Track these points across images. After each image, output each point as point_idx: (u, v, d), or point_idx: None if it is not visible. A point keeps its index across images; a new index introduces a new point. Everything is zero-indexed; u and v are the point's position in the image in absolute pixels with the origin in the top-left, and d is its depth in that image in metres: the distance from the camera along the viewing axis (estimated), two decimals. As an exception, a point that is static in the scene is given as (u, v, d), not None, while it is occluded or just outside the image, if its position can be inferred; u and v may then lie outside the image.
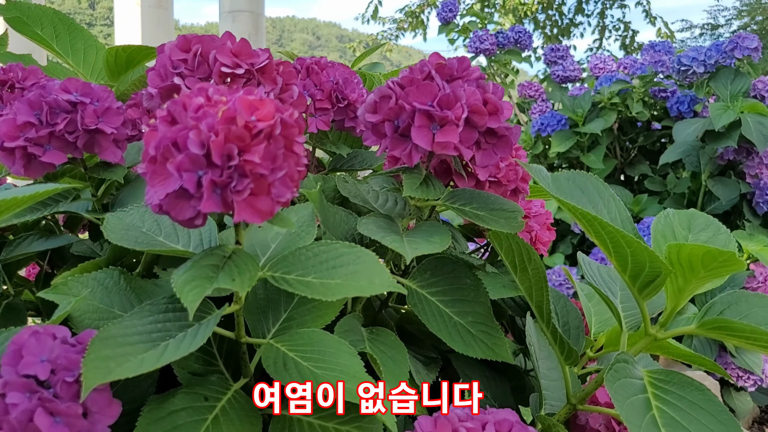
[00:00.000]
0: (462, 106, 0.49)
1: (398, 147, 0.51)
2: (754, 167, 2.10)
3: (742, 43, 1.99)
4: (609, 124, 2.19)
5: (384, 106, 0.52)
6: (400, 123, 0.51)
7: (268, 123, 0.37)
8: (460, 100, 0.49)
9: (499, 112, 0.50)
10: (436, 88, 0.50)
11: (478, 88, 0.51)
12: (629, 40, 6.86)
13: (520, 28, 2.45)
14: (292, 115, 0.39)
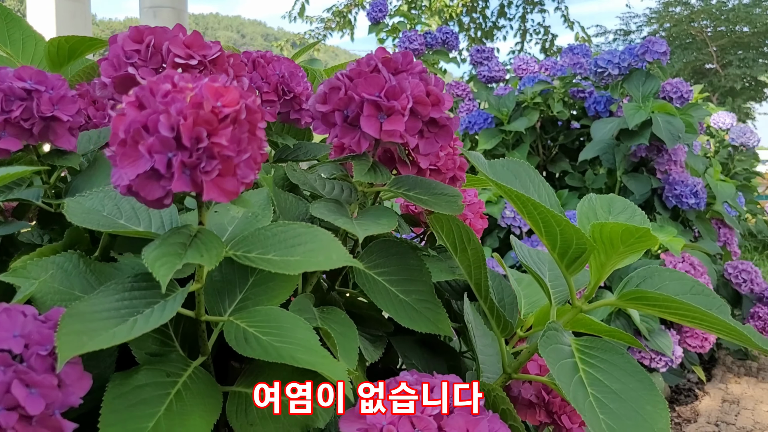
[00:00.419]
0: (407, 97, 0.53)
1: (348, 135, 0.54)
2: (664, 164, 2.25)
3: (652, 47, 2.14)
4: (532, 123, 2.30)
5: (334, 96, 0.55)
6: (350, 113, 0.54)
7: (233, 108, 0.40)
8: (405, 91, 0.53)
9: (440, 103, 0.55)
10: (383, 80, 0.53)
11: (422, 81, 0.55)
12: (549, 43, 7.13)
13: (448, 30, 2.53)
14: (255, 101, 0.42)
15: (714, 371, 2.29)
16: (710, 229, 2.38)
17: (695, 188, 2.19)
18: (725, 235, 2.50)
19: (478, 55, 2.61)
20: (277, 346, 0.46)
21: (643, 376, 0.53)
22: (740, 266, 2.27)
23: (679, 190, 2.20)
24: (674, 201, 2.21)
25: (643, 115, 2.05)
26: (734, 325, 0.51)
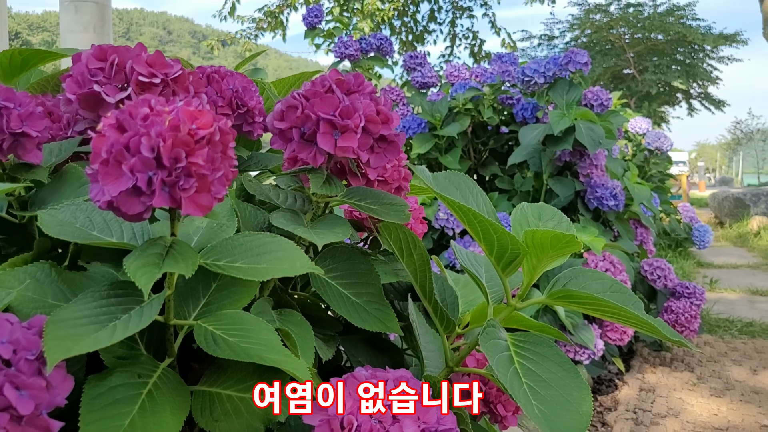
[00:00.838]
0: (360, 116, 0.58)
1: (304, 150, 0.59)
2: (586, 167, 2.38)
3: (575, 58, 2.26)
4: (464, 128, 2.39)
5: (291, 115, 0.59)
6: (306, 130, 0.59)
7: (208, 130, 0.44)
8: (358, 111, 0.58)
9: (389, 121, 0.60)
10: (338, 100, 0.58)
11: (372, 101, 0.60)
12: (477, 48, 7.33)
13: (382, 36, 2.59)
14: (226, 123, 0.46)
15: (632, 362, 2.45)
16: (628, 229, 2.54)
17: (614, 191, 2.34)
18: (642, 235, 2.67)
19: (411, 61, 2.69)
20: (244, 346, 0.50)
21: (570, 366, 0.60)
22: (655, 263, 2.44)
23: (600, 193, 2.34)
24: (595, 203, 2.35)
25: (567, 122, 2.17)
26: (647, 319, 0.58)
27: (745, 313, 3.13)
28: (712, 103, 17.93)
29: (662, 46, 16.78)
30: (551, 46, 18.80)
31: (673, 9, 16.35)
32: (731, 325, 2.92)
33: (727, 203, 6.51)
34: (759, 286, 3.71)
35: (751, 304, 3.34)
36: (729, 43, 16.10)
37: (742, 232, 5.73)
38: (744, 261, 4.61)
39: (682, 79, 16.91)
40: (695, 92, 17.96)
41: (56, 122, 0.70)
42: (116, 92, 0.58)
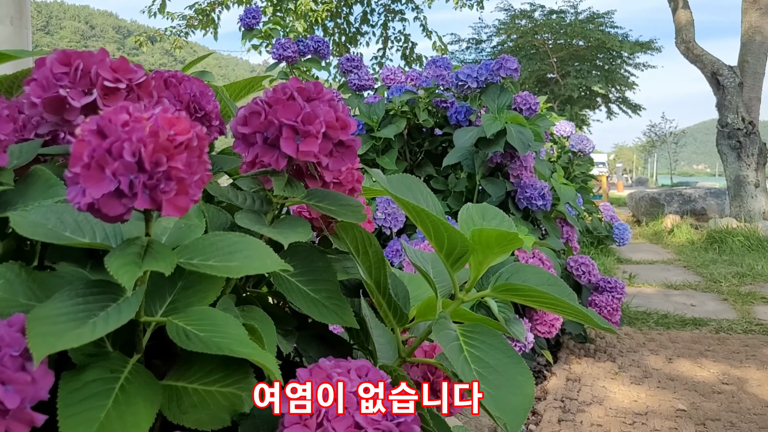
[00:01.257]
0: (321, 122, 0.61)
1: (267, 154, 0.62)
2: (516, 169, 2.49)
3: (506, 64, 2.36)
4: (400, 130, 2.45)
5: (254, 120, 0.62)
6: (269, 135, 0.62)
7: (186, 136, 0.46)
8: (319, 117, 0.61)
9: (347, 127, 0.64)
10: (299, 107, 0.62)
11: (331, 108, 0.64)
12: (409, 51, 7.44)
13: (319, 38, 2.62)
14: (202, 129, 0.49)
15: (559, 354, 2.57)
16: (555, 228, 2.67)
17: (543, 191, 2.45)
18: (567, 233, 2.80)
19: (348, 63, 2.73)
20: (215, 340, 0.53)
21: (513, 353, 0.66)
22: (580, 260, 2.57)
23: (529, 193, 2.45)
24: (525, 202, 2.46)
25: (499, 125, 2.26)
26: (581, 309, 0.65)
27: (660, 306, 3.34)
28: (629, 107, 18.79)
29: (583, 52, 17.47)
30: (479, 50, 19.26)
31: (593, 17, 17.05)
32: (648, 317, 3.10)
33: (643, 203, 6.88)
34: (673, 281, 3.95)
35: (666, 297, 3.56)
36: (644, 51, 16.92)
37: (658, 229, 6.07)
38: (659, 257, 4.90)
39: (602, 84, 17.64)
40: (614, 97, 18.78)
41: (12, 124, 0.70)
42: (81, 96, 0.60)
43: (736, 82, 5.54)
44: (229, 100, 0.88)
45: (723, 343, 2.70)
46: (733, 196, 5.67)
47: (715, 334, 2.85)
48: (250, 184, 0.67)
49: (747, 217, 5.51)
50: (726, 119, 5.49)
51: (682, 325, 2.99)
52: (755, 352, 2.56)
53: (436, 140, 2.63)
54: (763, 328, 2.90)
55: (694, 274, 4.20)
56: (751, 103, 5.59)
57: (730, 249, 4.84)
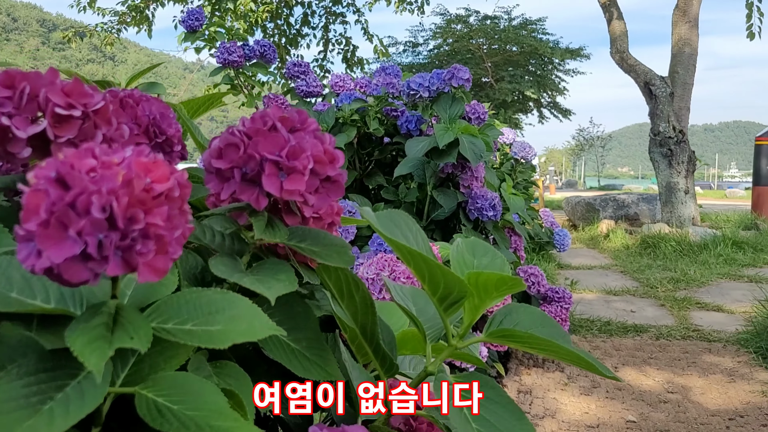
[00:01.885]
0: (308, 157, 0.55)
1: (246, 192, 0.55)
2: (467, 179, 2.47)
3: (458, 73, 2.34)
4: (351, 139, 2.38)
5: (232, 153, 0.55)
6: (248, 170, 0.55)
7: (166, 185, 0.39)
8: (305, 151, 0.55)
9: (335, 161, 0.57)
10: (283, 139, 0.55)
11: (317, 139, 0.57)
12: (350, 54, 7.38)
13: (265, 42, 2.52)
14: (183, 175, 0.41)
15: (509, 365, 2.56)
16: (504, 237, 2.66)
17: (493, 202, 2.44)
18: (515, 242, 2.81)
19: (294, 69, 2.64)
20: (191, 414, 0.45)
21: (514, 407, 0.61)
22: (529, 270, 2.57)
23: (480, 204, 2.43)
24: (476, 213, 2.44)
25: (451, 135, 2.23)
26: (580, 354, 0.60)
27: (602, 313, 3.40)
28: (560, 111, 19.32)
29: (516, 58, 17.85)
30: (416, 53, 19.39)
31: (526, 23, 17.45)
32: (592, 324, 3.15)
33: (579, 207, 7.05)
34: (612, 286, 4.04)
35: (607, 303, 3.63)
36: (574, 57, 17.44)
37: (594, 234, 6.23)
38: (597, 262, 5.01)
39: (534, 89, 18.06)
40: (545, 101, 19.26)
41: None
42: (27, 125, 0.51)
43: (668, 92, 5.73)
44: (189, 120, 0.80)
45: (664, 350, 2.76)
46: (664, 202, 5.87)
47: (655, 340, 2.92)
48: (224, 224, 0.59)
49: (678, 223, 5.72)
50: (658, 128, 5.67)
51: (624, 332, 3.05)
52: (695, 359, 2.62)
53: (387, 149, 2.58)
54: (700, 334, 2.99)
55: (631, 279, 4.31)
56: (681, 112, 5.80)
57: (663, 254, 5.00)
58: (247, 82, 2.52)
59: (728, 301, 3.62)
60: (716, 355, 2.67)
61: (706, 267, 4.52)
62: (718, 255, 4.82)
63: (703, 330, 3.04)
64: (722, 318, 3.27)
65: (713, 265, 4.60)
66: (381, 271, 2.05)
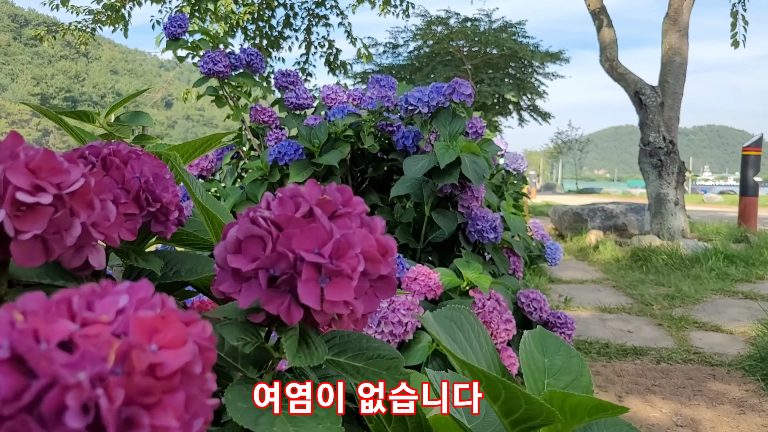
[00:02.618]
0: (357, 256, 0.41)
1: (274, 301, 0.41)
2: (467, 199, 2.34)
3: (459, 88, 2.21)
4: (344, 156, 2.24)
5: (254, 249, 0.41)
6: (277, 272, 0.41)
7: (183, 357, 0.25)
8: (354, 247, 0.41)
9: (388, 254, 0.44)
10: (324, 232, 0.41)
11: (365, 226, 0.44)
12: (333, 57, 7.22)
13: (252, 50, 2.37)
14: (204, 330, 0.28)
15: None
16: (503, 259, 2.54)
17: (494, 223, 2.32)
18: (514, 263, 2.69)
19: (283, 79, 2.50)
20: None
21: None
22: (531, 295, 2.45)
23: (481, 226, 2.31)
24: (476, 236, 2.32)
25: (453, 155, 2.10)
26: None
27: (599, 333, 3.30)
28: (539, 114, 19.37)
29: (496, 60, 17.86)
30: (396, 54, 19.28)
31: (506, 26, 17.45)
32: (590, 347, 3.04)
33: (566, 217, 6.97)
34: (606, 303, 3.95)
35: (602, 322, 3.53)
36: (553, 61, 17.50)
37: (582, 245, 6.14)
38: (588, 276, 4.92)
39: (514, 92, 18.07)
40: (525, 104, 19.30)
41: None
42: (-23, 219, 0.37)
43: (658, 101, 5.67)
44: (186, 173, 0.65)
45: (667, 375, 2.66)
46: (654, 214, 5.81)
47: (657, 364, 2.82)
48: (241, 335, 0.45)
49: (668, 235, 5.66)
50: (648, 138, 5.61)
51: (623, 354, 2.94)
52: (701, 386, 2.53)
53: (381, 166, 2.45)
54: (701, 357, 2.90)
55: (625, 295, 4.22)
56: (670, 122, 5.74)
57: (655, 268, 4.92)
58: (233, 93, 2.37)
59: (725, 320, 3.55)
60: (722, 382, 2.58)
61: (699, 282, 4.45)
62: (711, 269, 4.76)
63: (704, 353, 2.95)
64: (722, 339, 3.19)
65: (706, 280, 4.53)
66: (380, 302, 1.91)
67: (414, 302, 1.97)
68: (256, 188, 2.35)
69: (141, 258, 0.55)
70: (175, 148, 0.74)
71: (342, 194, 0.44)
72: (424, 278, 2.06)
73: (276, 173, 2.30)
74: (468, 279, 2.11)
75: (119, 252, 0.55)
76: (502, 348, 2.15)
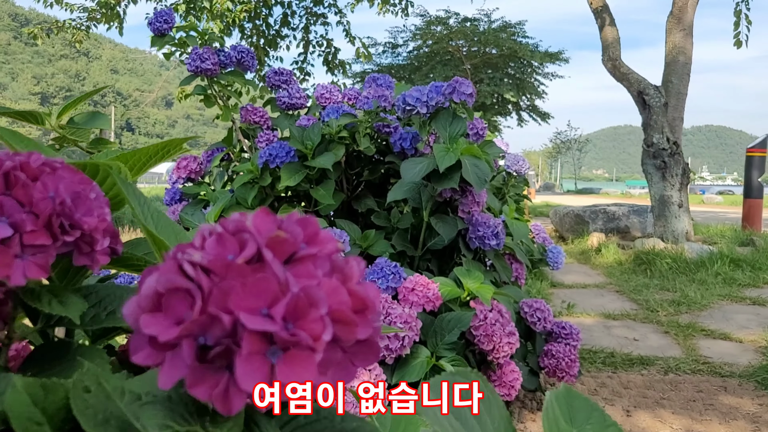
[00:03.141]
0: (322, 319, 0.29)
1: (204, 382, 0.29)
2: (468, 204, 2.22)
3: (459, 88, 2.09)
4: (338, 158, 2.12)
5: (179, 308, 0.30)
6: (210, 340, 0.29)
7: None
8: (318, 305, 0.29)
9: (368, 310, 0.32)
10: (275, 284, 0.29)
11: (335, 273, 0.32)
12: (332, 56, 7.10)
13: (243, 48, 2.25)
14: None
15: (511, 408, 2.33)
16: (505, 266, 2.42)
17: (496, 229, 2.20)
18: (517, 270, 2.57)
19: (276, 77, 2.38)
20: None
21: None
22: (535, 305, 2.33)
23: (482, 232, 2.19)
24: (477, 242, 2.20)
25: (453, 158, 1.98)
26: None
27: (604, 341, 3.18)
28: (539, 115, 19.29)
29: (496, 60, 17.80)
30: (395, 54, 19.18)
31: (505, 26, 17.38)
32: (595, 356, 2.93)
33: (568, 219, 6.84)
34: (610, 309, 3.82)
35: (607, 329, 3.41)
36: (553, 61, 17.43)
37: (584, 248, 6.01)
38: (591, 280, 4.79)
39: (513, 92, 18.00)
40: (524, 104, 19.22)
41: None
42: None
43: (662, 102, 5.54)
44: (128, 186, 0.53)
45: (676, 388, 2.55)
46: (657, 216, 5.68)
47: (664, 375, 2.70)
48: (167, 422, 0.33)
49: (672, 238, 5.53)
50: (651, 139, 5.48)
51: (629, 364, 2.82)
52: (712, 400, 2.41)
53: (377, 169, 2.33)
54: (710, 367, 2.78)
55: (629, 300, 4.10)
56: (674, 123, 5.61)
57: (659, 272, 4.79)
58: (223, 93, 2.25)
59: (734, 327, 3.43)
60: (734, 395, 2.46)
61: (705, 287, 4.33)
62: (716, 274, 4.63)
63: (714, 363, 2.83)
64: (731, 348, 3.07)
65: (712, 284, 4.40)
66: (375, 315, 1.79)
67: (411, 315, 1.86)
68: (246, 192, 2.24)
69: (57, 301, 0.43)
70: (123, 157, 0.62)
71: (305, 228, 0.33)
72: (423, 289, 1.94)
73: (267, 176, 2.18)
74: (469, 289, 1.99)
75: (28, 294, 0.43)
76: (504, 362, 2.04)
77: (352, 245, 2.14)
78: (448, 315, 1.93)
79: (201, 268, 0.30)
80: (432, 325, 1.91)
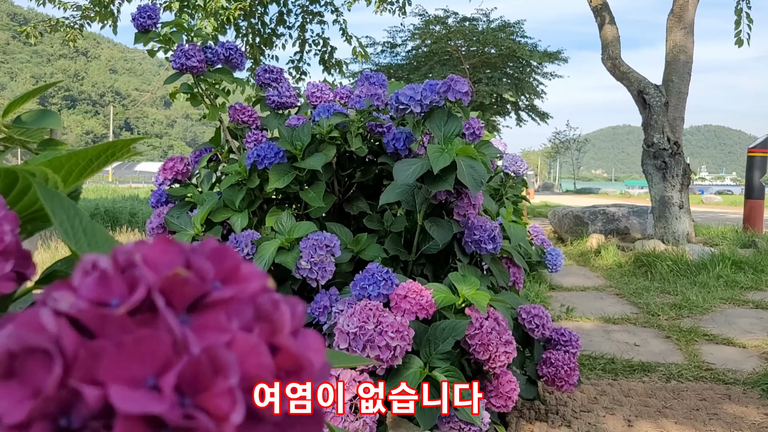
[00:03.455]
0: (231, 391, 0.21)
1: (71, 477, 0.21)
2: (463, 207, 2.14)
3: (455, 86, 2.01)
4: (329, 159, 2.04)
5: (36, 375, 0.21)
6: (75, 422, 0.21)
7: None
8: (226, 372, 0.21)
9: (303, 370, 0.24)
10: (168, 342, 0.21)
11: (261, 322, 0.24)
12: (328, 55, 7.01)
13: (231, 45, 2.17)
14: None
15: (509, 418, 2.25)
16: (503, 271, 2.34)
17: (493, 233, 2.12)
18: (515, 274, 2.49)
19: (265, 76, 2.30)
20: None
21: None
22: (533, 311, 2.25)
23: (478, 235, 2.11)
24: (473, 246, 2.12)
25: (448, 159, 1.90)
26: None
27: (603, 347, 3.10)
28: (537, 114, 19.25)
29: (495, 60, 17.76)
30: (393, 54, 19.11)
31: (504, 26, 17.33)
32: (595, 362, 2.84)
33: (567, 220, 6.75)
34: (610, 313, 3.74)
35: (607, 334, 3.33)
36: (552, 61, 17.38)
37: (583, 249, 5.92)
38: (590, 282, 4.71)
39: (512, 91, 17.95)
40: (523, 104, 19.17)
41: None
42: None
43: (662, 101, 5.46)
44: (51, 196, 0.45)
45: (679, 396, 2.47)
46: (657, 217, 5.60)
47: (666, 383, 2.62)
48: None
49: (672, 239, 5.45)
50: (652, 139, 5.39)
51: (630, 371, 2.74)
52: (716, 409, 2.33)
53: (370, 170, 2.25)
54: (713, 374, 2.70)
55: (629, 303, 4.02)
56: (675, 123, 5.53)
57: (660, 274, 4.71)
58: (210, 91, 2.16)
59: (737, 332, 3.35)
60: (738, 404, 2.38)
61: (707, 290, 4.24)
62: (718, 276, 4.55)
63: (717, 369, 2.75)
64: (734, 353, 2.99)
65: (714, 287, 4.32)
66: (365, 324, 1.72)
67: (404, 323, 1.77)
68: (233, 194, 2.15)
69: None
70: (58, 161, 0.53)
71: (220, 262, 0.24)
72: (416, 296, 1.86)
73: (255, 178, 2.10)
74: (464, 296, 1.91)
75: None
76: (501, 372, 1.96)
77: (344, 249, 2.06)
78: (442, 323, 1.85)
79: (68, 320, 0.22)
80: (425, 334, 1.83)
